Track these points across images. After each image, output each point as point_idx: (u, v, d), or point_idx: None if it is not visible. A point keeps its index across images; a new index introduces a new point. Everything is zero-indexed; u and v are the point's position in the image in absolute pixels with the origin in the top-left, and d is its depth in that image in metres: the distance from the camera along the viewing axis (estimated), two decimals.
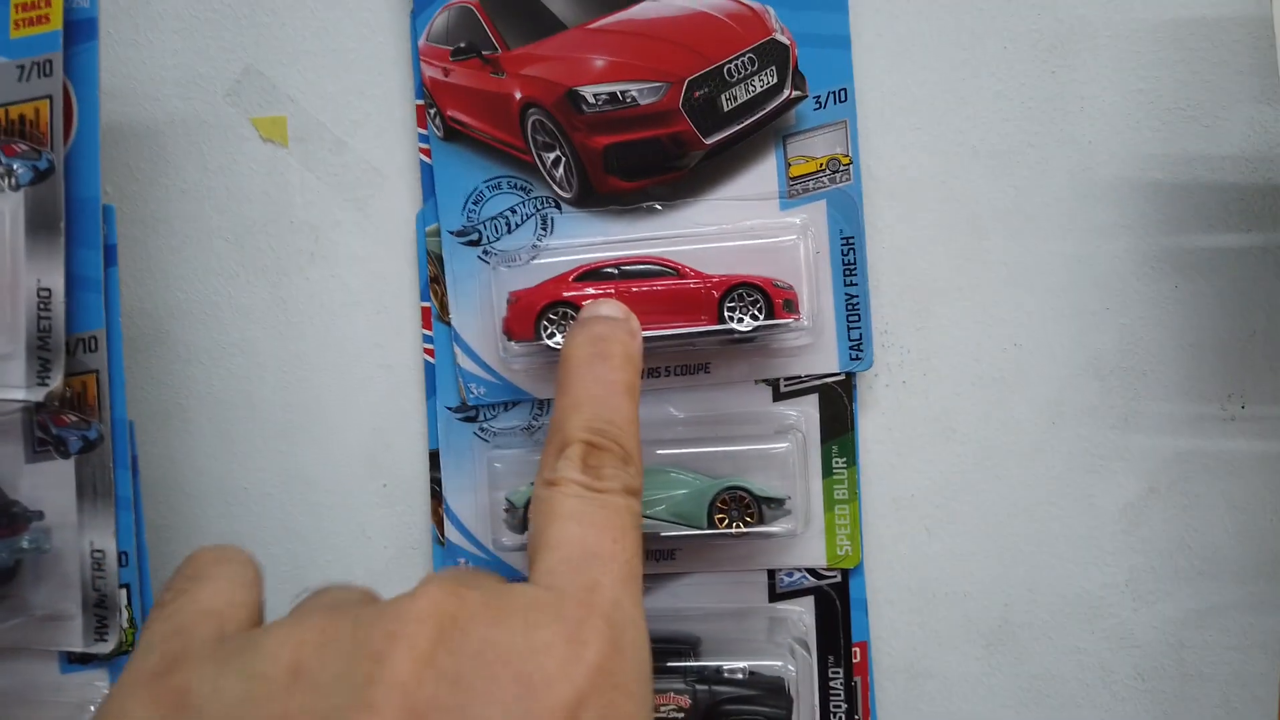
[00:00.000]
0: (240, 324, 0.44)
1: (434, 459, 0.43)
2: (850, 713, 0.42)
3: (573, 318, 0.38)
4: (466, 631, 0.21)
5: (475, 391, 0.42)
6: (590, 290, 0.38)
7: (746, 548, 0.42)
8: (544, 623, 0.23)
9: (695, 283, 0.38)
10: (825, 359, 0.41)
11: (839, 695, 0.42)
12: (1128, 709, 0.43)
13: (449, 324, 0.43)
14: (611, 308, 0.34)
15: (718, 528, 0.38)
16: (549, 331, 0.38)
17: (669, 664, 0.39)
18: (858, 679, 0.42)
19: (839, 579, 0.42)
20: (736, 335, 0.38)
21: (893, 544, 0.43)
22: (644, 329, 0.37)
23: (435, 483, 0.43)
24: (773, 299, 0.37)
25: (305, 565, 0.45)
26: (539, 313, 0.38)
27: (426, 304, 0.43)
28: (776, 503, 0.38)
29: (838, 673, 0.42)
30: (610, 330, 0.33)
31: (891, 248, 0.42)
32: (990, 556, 0.43)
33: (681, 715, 0.38)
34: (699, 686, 0.38)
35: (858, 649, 0.42)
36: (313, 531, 0.45)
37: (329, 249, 0.44)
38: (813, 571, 0.42)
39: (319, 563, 0.45)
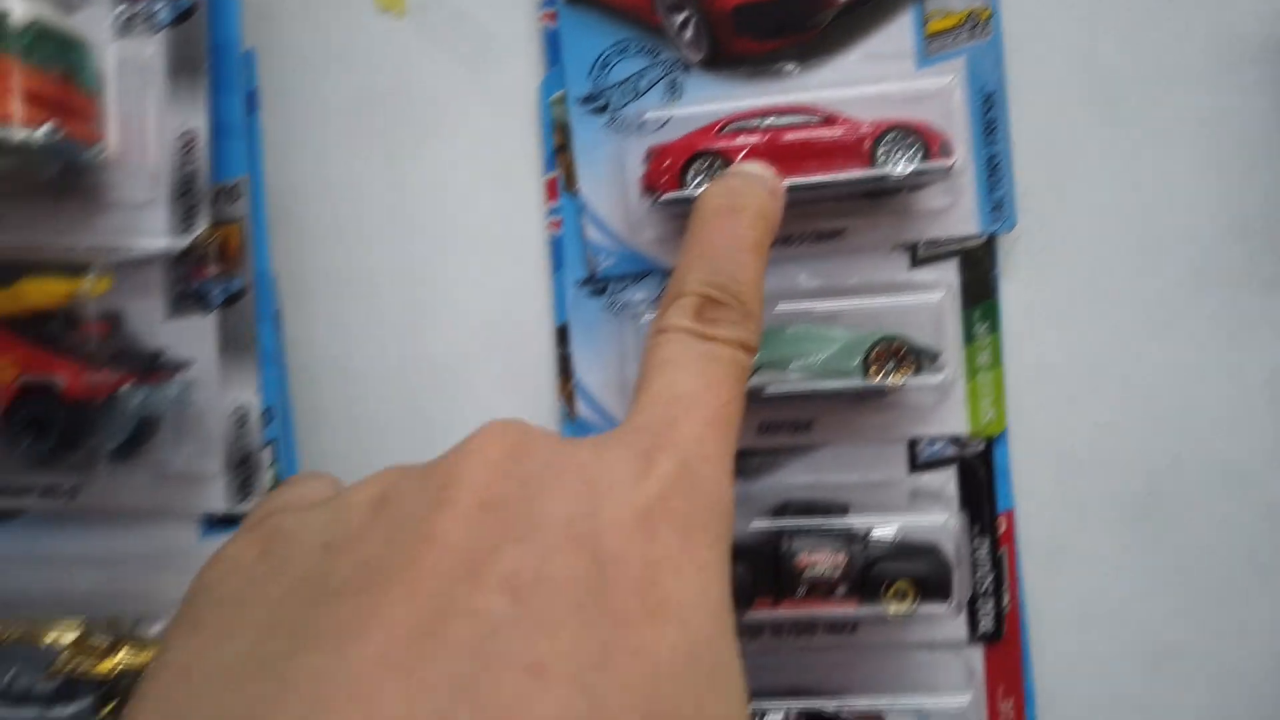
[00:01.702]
0: (357, 201, 0.43)
1: (561, 335, 0.42)
2: (998, 584, 0.41)
3: (720, 169, 0.37)
4: (535, 447, 0.22)
5: (604, 262, 0.41)
6: (740, 140, 0.37)
7: (886, 417, 0.41)
8: (612, 446, 0.23)
9: (846, 129, 0.37)
10: (965, 221, 0.40)
11: (985, 566, 0.41)
12: (1273, 581, 0.42)
13: (576, 195, 0.42)
14: (755, 166, 0.34)
15: (872, 380, 0.37)
16: (697, 181, 0.37)
17: (822, 524, 0.38)
18: (1004, 549, 0.41)
19: (982, 448, 0.41)
20: (891, 181, 0.37)
21: (1032, 414, 0.42)
22: (794, 178, 0.36)
23: (562, 359, 0.42)
24: (928, 142, 0.37)
25: (428, 447, 0.43)
26: (686, 161, 0.37)
27: (552, 175, 0.42)
28: (932, 356, 0.37)
29: (983, 542, 0.40)
30: (747, 185, 0.32)
31: (1028, 110, 0.41)
32: (1133, 427, 0.42)
33: (838, 574, 0.37)
34: (853, 546, 0.37)
35: (1004, 519, 0.41)
36: (437, 412, 0.43)
37: (449, 122, 0.43)
38: (955, 441, 0.41)
39: (444, 444, 0.43)
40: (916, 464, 0.41)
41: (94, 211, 0.34)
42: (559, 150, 0.42)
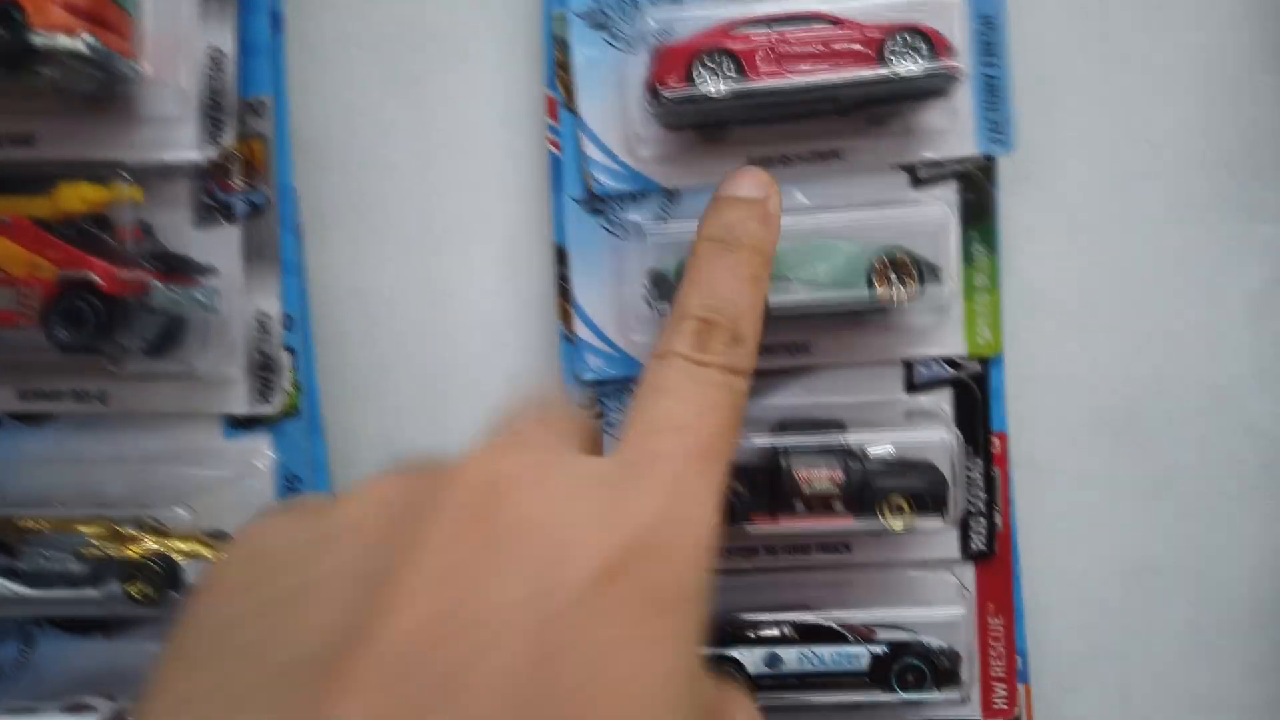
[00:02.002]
0: (371, 131, 0.45)
1: (560, 254, 0.44)
2: (990, 504, 0.42)
3: (727, 68, 0.38)
4: (506, 501, 0.21)
5: (601, 180, 0.43)
6: (750, 40, 0.38)
7: (883, 338, 0.42)
8: (589, 493, 0.22)
9: (855, 30, 0.38)
10: (965, 142, 0.41)
11: (978, 486, 0.42)
12: (1255, 500, 0.43)
13: (575, 113, 0.43)
14: (751, 186, 0.33)
15: (878, 291, 0.38)
16: (702, 79, 0.38)
17: (818, 441, 0.39)
18: (997, 469, 0.42)
19: (978, 369, 0.42)
20: (900, 84, 0.37)
21: (1022, 338, 0.43)
22: (801, 76, 0.37)
23: (561, 278, 0.44)
24: (936, 44, 0.37)
25: (439, 370, 0.45)
26: (693, 57, 0.38)
27: (552, 94, 0.44)
28: (933, 268, 0.38)
29: (977, 463, 0.42)
30: (741, 219, 0.32)
31: (1024, 39, 0.42)
32: (1119, 351, 0.43)
33: (835, 489, 0.38)
34: (850, 462, 0.38)
35: (997, 439, 0.42)
36: (444, 326, 0.45)
37: (454, 46, 0.44)
38: (950, 362, 0.42)
39: (448, 360, 0.45)
40: (913, 385, 0.42)
41: (128, 125, 0.36)
42: (559, 68, 0.43)
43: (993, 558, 0.42)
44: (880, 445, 0.40)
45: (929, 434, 0.41)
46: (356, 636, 0.19)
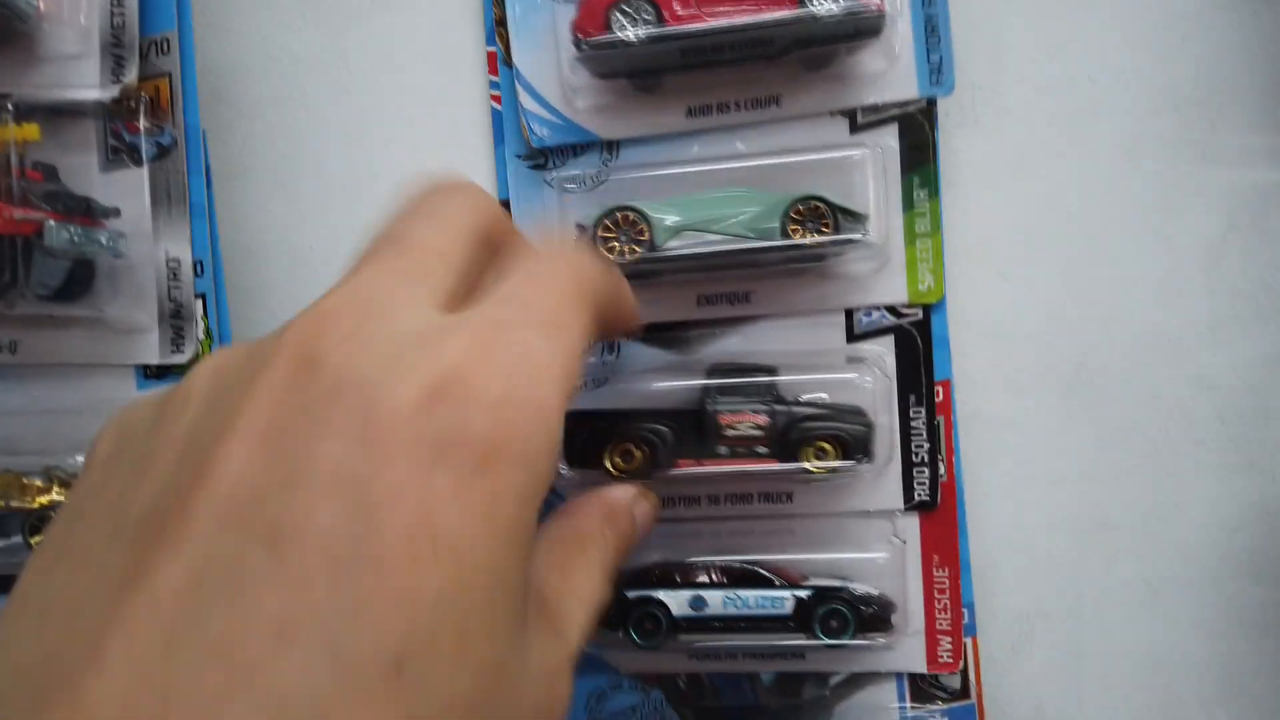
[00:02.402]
0: (301, 77, 0.44)
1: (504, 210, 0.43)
2: (933, 452, 0.41)
3: (645, 13, 0.37)
4: (323, 365, 0.21)
5: (539, 133, 0.42)
6: None
7: (824, 287, 0.41)
8: (406, 349, 0.21)
9: None
10: (904, 85, 0.40)
11: (920, 435, 0.41)
12: (1208, 454, 0.42)
13: (511, 65, 0.42)
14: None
15: (792, 239, 0.37)
16: (620, 24, 0.37)
17: (744, 384, 0.38)
18: (940, 418, 0.41)
19: (920, 316, 0.41)
20: (820, 24, 0.36)
21: (966, 287, 0.42)
22: (718, 19, 0.36)
23: None
24: None
25: None
26: (611, 3, 0.37)
27: (492, 49, 0.43)
28: (855, 215, 0.37)
29: (919, 411, 0.41)
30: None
31: None
32: (1067, 300, 0.42)
33: (760, 433, 0.37)
34: (777, 406, 0.38)
35: (940, 388, 0.41)
36: None
37: None
38: (892, 310, 0.41)
39: None
40: (854, 333, 0.41)
41: (27, 63, 0.35)
42: (499, 24, 0.42)
43: (936, 508, 0.41)
44: (809, 390, 0.39)
45: (857, 378, 0.40)
46: (177, 497, 0.19)
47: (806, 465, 0.36)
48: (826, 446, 0.37)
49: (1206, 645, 0.42)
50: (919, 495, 0.41)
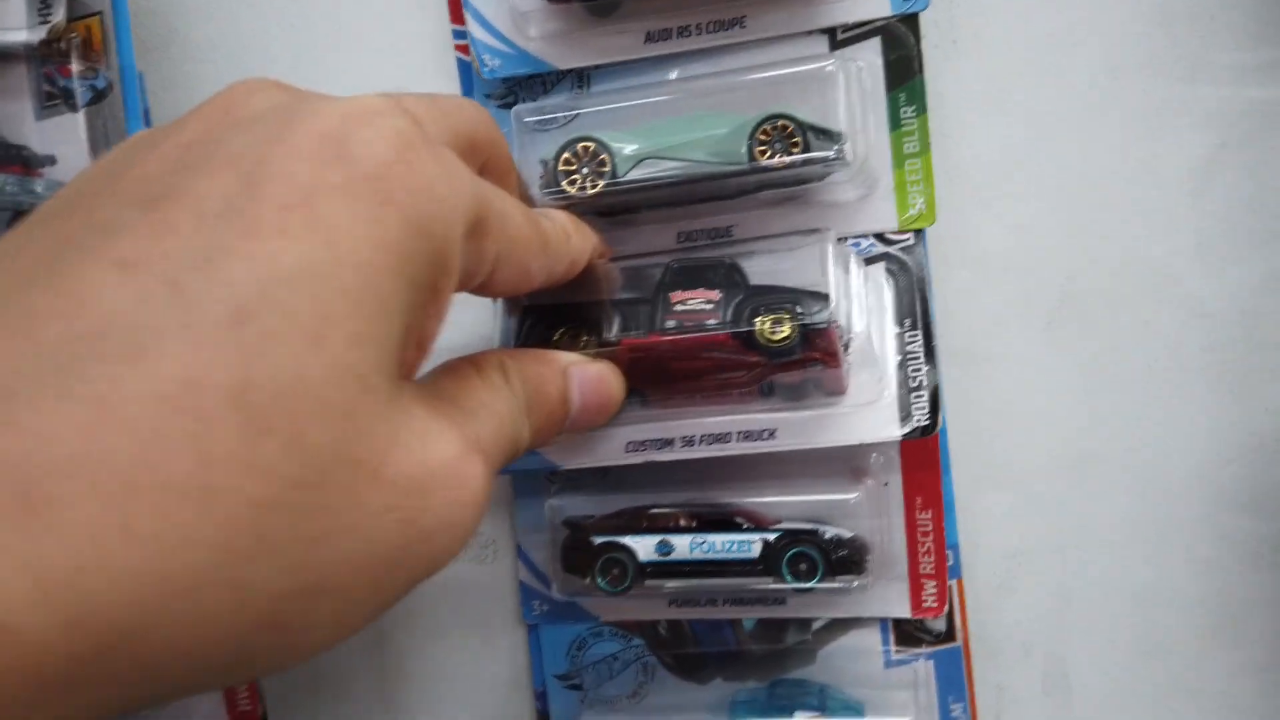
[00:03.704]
0: (252, 20, 0.42)
1: None
2: (931, 374, 0.39)
3: None
4: (269, 95, 0.23)
5: (490, 64, 0.40)
6: None
7: (808, 216, 0.39)
8: (320, 99, 0.23)
9: None
10: (879, 4, 0.38)
11: (917, 358, 0.39)
12: (1196, 383, 0.40)
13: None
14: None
15: (759, 161, 0.35)
16: None
17: (702, 263, 0.36)
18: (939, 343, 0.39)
19: (911, 242, 0.39)
20: None
21: (944, 219, 0.40)
22: None
23: None
24: None
25: None
26: None
27: None
28: (828, 134, 0.36)
29: (915, 335, 0.39)
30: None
31: None
32: (1049, 227, 0.41)
33: (709, 306, 0.34)
34: (731, 289, 0.35)
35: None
36: None
37: None
38: (881, 237, 0.39)
39: None
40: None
41: None
42: None
43: (933, 433, 0.39)
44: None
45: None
46: (92, 193, 0.21)
47: (762, 338, 0.33)
48: (782, 316, 0.34)
49: (1198, 580, 0.41)
50: (918, 420, 0.39)
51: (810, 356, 0.34)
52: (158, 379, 0.17)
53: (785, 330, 0.33)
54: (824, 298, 0.34)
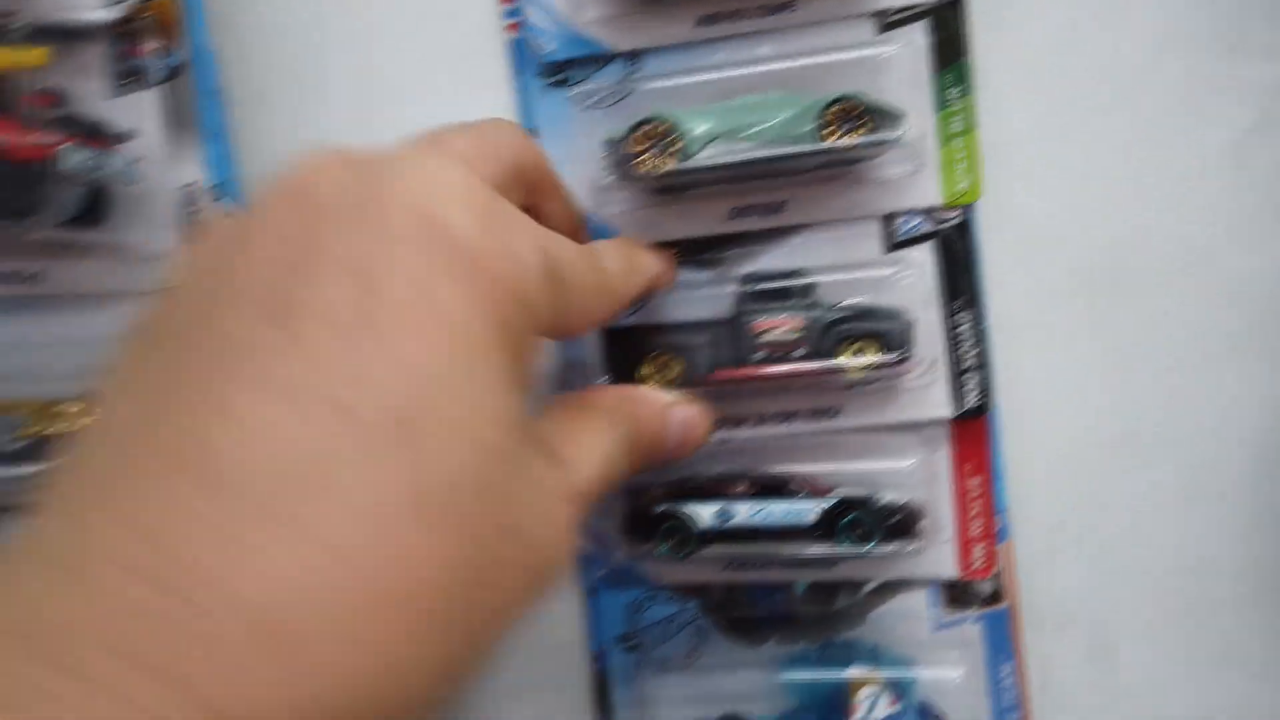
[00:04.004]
0: (313, 2, 0.43)
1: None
2: (981, 355, 0.40)
3: None
4: (338, 171, 0.23)
5: (546, 46, 0.41)
6: None
7: (859, 193, 0.40)
8: (389, 162, 0.24)
9: None
10: None
11: (968, 340, 0.40)
12: (1237, 355, 0.41)
13: None
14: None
15: (826, 143, 0.36)
16: None
17: (778, 289, 0.38)
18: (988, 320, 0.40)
19: (960, 219, 0.40)
20: None
21: (994, 192, 0.41)
22: None
23: None
24: None
25: None
26: None
27: None
28: (890, 114, 0.37)
29: (966, 316, 0.40)
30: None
31: None
32: (1094, 202, 0.41)
33: (795, 336, 0.37)
34: (811, 311, 0.37)
35: None
36: None
37: None
38: (931, 213, 0.40)
39: None
40: (894, 242, 0.40)
41: None
42: None
43: (984, 414, 0.40)
44: (847, 294, 0.39)
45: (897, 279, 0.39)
46: (209, 304, 0.21)
47: (843, 363, 0.36)
48: (864, 345, 0.37)
49: (1240, 549, 0.42)
50: (969, 401, 0.40)
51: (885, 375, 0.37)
52: (350, 501, 0.19)
53: (868, 360, 0.37)
54: (902, 318, 0.37)
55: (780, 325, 0.37)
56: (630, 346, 0.38)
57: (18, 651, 0.17)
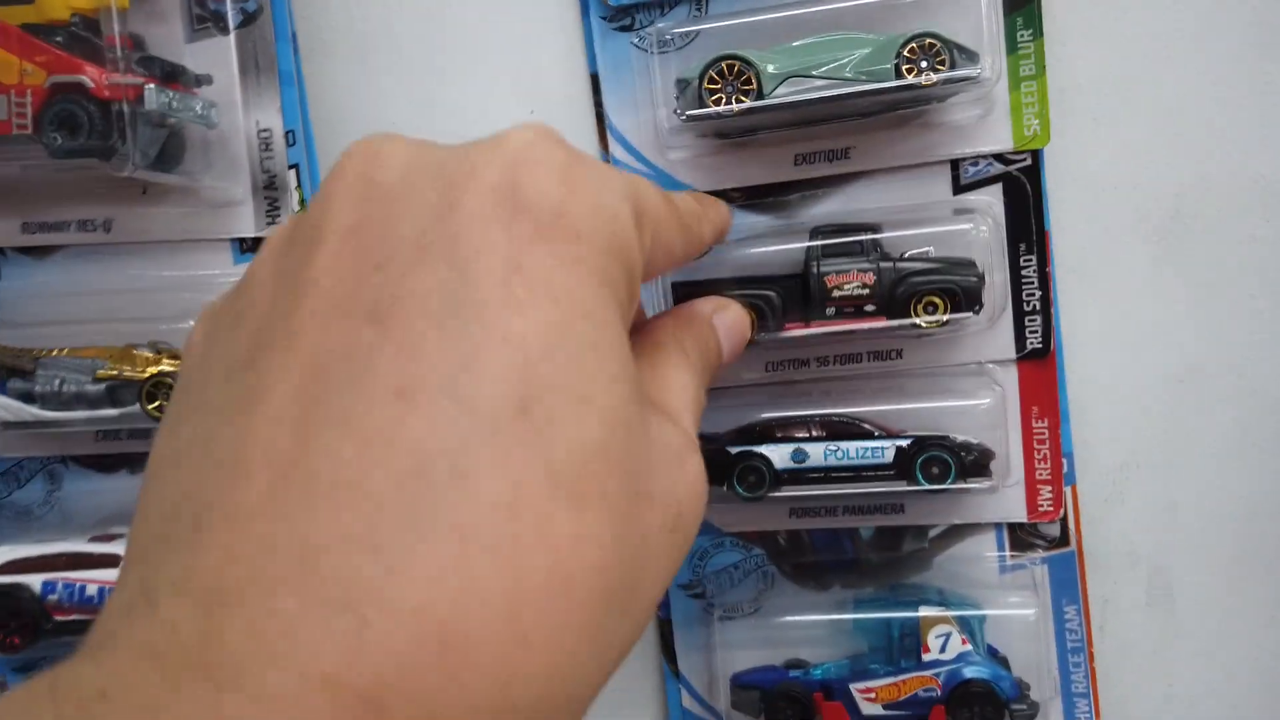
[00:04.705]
0: None
1: (595, 83, 0.42)
2: (1045, 300, 0.40)
3: None
4: (393, 156, 0.22)
5: None
6: None
7: (926, 137, 0.40)
8: (465, 148, 0.22)
9: None
10: None
11: (1031, 283, 0.40)
12: None
13: None
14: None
15: (906, 79, 0.36)
16: None
17: (849, 243, 0.38)
18: (1050, 267, 0.40)
19: (1029, 162, 0.40)
20: None
21: (1058, 137, 0.41)
22: None
23: (598, 107, 0.42)
24: None
25: None
26: None
27: None
28: (968, 53, 0.36)
29: (1030, 260, 0.40)
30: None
31: None
32: (1161, 145, 0.41)
33: (866, 292, 0.37)
34: (883, 264, 0.37)
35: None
36: None
37: None
38: (999, 157, 0.40)
39: None
40: (960, 185, 0.40)
41: None
42: None
43: (1047, 356, 0.40)
44: (916, 245, 0.39)
45: (967, 229, 0.39)
46: (280, 320, 0.20)
47: (916, 320, 0.36)
48: (936, 300, 0.37)
49: None
50: (1031, 344, 0.40)
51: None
52: (490, 496, 0.18)
53: (939, 315, 0.36)
54: (972, 268, 0.37)
55: (851, 280, 0.37)
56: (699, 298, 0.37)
57: (192, 679, 0.16)
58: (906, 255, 0.38)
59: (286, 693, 0.16)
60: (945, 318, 0.37)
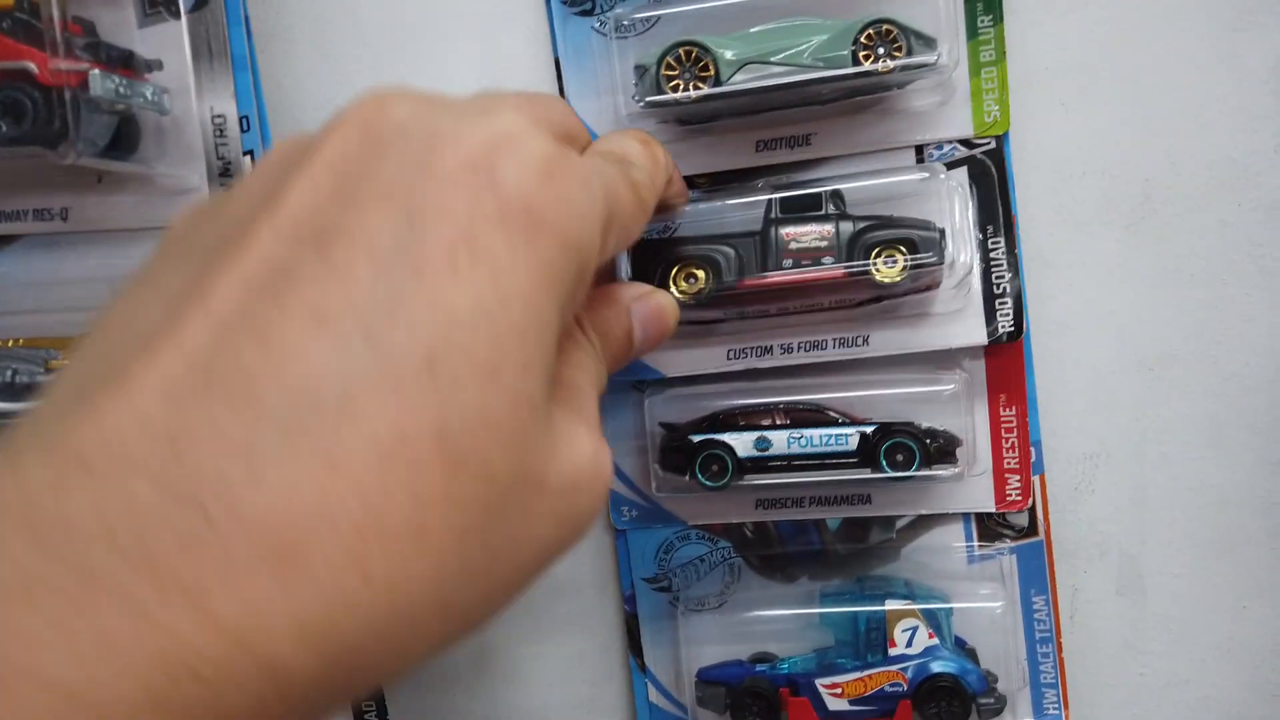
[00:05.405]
0: None
1: (558, 67, 0.41)
2: (1014, 280, 0.40)
3: None
4: (398, 108, 0.23)
5: None
6: None
7: (888, 124, 0.40)
8: (460, 111, 0.23)
9: None
10: None
11: (1001, 265, 0.40)
12: (1275, 283, 0.41)
13: None
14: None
15: (863, 65, 0.36)
16: None
17: (808, 196, 0.37)
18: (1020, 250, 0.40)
19: (993, 145, 0.39)
20: None
21: (1026, 122, 0.41)
22: None
23: (561, 92, 0.41)
24: None
25: None
26: None
27: None
28: (924, 39, 0.36)
29: (998, 242, 0.40)
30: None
31: None
32: (1129, 129, 0.41)
33: (824, 244, 0.36)
34: (841, 223, 0.37)
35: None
36: None
37: None
38: (964, 142, 0.40)
39: None
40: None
41: None
42: None
43: (1019, 340, 0.40)
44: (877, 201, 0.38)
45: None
46: (246, 224, 0.21)
47: (875, 269, 0.35)
48: (894, 252, 0.36)
49: (1271, 481, 0.41)
50: (1003, 327, 0.40)
51: (916, 288, 0.36)
52: (373, 432, 0.19)
53: (898, 269, 0.35)
54: (931, 227, 0.36)
55: (808, 233, 0.36)
56: (658, 259, 0.37)
57: (20, 538, 0.17)
58: (864, 214, 0.38)
59: (110, 571, 0.17)
60: (906, 261, 0.36)
